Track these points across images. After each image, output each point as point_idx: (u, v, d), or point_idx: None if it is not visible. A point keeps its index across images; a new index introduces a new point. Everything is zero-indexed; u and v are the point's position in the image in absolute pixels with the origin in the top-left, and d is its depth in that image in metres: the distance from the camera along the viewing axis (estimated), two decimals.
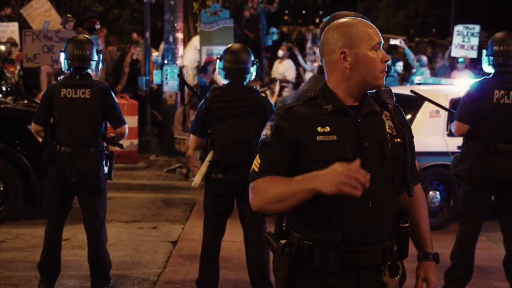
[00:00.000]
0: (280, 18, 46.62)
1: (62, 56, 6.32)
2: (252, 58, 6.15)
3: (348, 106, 3.00)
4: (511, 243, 6.23)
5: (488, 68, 6.30)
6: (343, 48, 2.97)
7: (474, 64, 15.44)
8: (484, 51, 6.30)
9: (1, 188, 9.12)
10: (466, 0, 33.84)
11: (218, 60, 6.24)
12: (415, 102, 9.04)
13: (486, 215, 6.28)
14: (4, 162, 9.13)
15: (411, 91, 6.95)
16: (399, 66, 15.50)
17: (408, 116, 8.86)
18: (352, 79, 2.99)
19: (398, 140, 3.05)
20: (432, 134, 9.08)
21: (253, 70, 6.15)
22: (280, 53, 17.06)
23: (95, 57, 6.30)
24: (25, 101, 11.34)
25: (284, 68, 16.69)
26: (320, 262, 2.92)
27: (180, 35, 14.72)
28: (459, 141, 6.56)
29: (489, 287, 6.98)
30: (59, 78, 6.45)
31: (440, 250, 3.57)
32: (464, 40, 15.02)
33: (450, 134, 8.44)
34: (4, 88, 12.33)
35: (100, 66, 6.51)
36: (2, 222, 8.94)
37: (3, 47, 14.81)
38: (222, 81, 6.28)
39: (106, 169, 6.33)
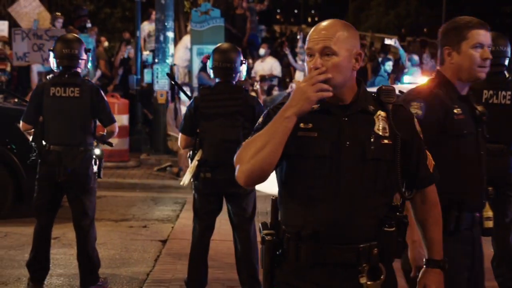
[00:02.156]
0: (272, 17, 46.67)
1: (51, 55, 6.34)
2: (242, 58, 6.16)
3: (334, 105, 2.99)
4: (499, 243, 6.26)
5: None
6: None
7: None
8: None
9: None
10: None
11: (207, 60, 6.26)
12: None
13: None
14: None
15: (399, 91, 6.96)
16: (389, 65, 15.53)
17: None
18: None
19: (386, 141, 2.99)
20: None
21: (242, 69, 6.15)
22: (262, 51, 17.05)
23: (84, 56, 6.31)
24: (16, 99, 11.31)
25: (268, 65, 16.68)
26: (294, 255, 2.97)
27: (171, 34, 14.71)
28: None
29: None
30: (48, 76, 6.45)
31: None
32: None
33: None
34: None
35: (89, 65, 6.52)
36: None
37: None
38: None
39: (95, 167, 6.34)
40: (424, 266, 3.33)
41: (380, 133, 3.00)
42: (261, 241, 3.05)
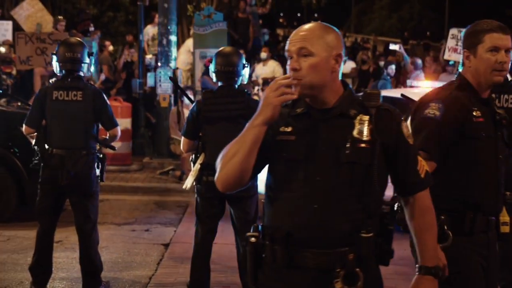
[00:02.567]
0: (275, 21, 46.65)
1: (54, 58, 6.35)
2: (244, 61, 6.17)
3: (316, 109, 3.01)
4: (501, 246, 6.25)
5: None
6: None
7: None
8: None
9: None
10: (460, 2, 33.89)
11: (210, 63, 6.27)
12: (406, 105, 9.03)
13: None
14: None
15: (401, 95, 6.96)
16: (392, 69, 15.52)
17: None
18: None
19: (363, 145, 2.95)
20: None
21: (244, 72, 6.16)
22: (263, 55, 17.04)
23: (86, 60, 6.32)
24: (19, 103, 11.33)
25: (270, 68, 16.67)
26: (270, 257, 2.99)
27: (174, 38, 14.72)
28: None
29: None
30: (51, 80, 6.46)
31: None
32: (458, 44, 14.98)
33: None
34: None
35: (92, 68, 6.53)
36: None
37: (3, 49, 14.78)
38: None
39: (97, 171, 6.34)
40: (416, 273, 3.24)
41: (358, 137, 2.96)
42: (244, 243, 3.08)
